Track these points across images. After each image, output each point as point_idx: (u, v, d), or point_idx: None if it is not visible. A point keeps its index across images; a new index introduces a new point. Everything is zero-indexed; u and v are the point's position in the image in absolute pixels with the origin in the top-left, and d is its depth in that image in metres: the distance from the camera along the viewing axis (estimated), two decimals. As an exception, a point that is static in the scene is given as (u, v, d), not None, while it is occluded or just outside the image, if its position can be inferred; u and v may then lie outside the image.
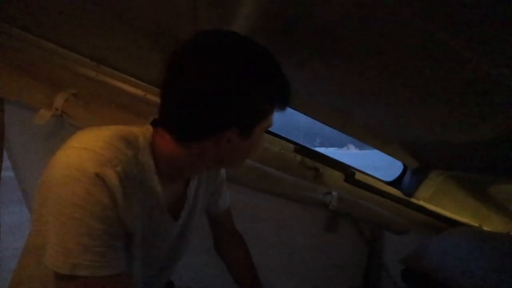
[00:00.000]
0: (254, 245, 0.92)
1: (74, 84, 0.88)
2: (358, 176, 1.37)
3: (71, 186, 0.44)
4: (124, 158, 0.49)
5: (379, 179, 1.45)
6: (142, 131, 0.55)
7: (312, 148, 1.40)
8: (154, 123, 0.58)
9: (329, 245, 1.42)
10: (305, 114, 1.20)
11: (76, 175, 0.44)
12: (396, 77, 0.70)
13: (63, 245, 0.44)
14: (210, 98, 0.48)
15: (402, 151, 1.29)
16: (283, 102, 0.57)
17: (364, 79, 0.76)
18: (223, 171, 0.84)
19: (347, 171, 1.35)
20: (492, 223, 1.49)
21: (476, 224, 1.49)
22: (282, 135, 1.30)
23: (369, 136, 1.24)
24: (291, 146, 1.27)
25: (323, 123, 1.29)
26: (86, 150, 0.46)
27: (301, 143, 1.34)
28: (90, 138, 0.48)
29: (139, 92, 0.96)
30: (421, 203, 1.43)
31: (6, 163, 0.90)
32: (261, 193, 1.19)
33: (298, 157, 1.27)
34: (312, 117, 1.25)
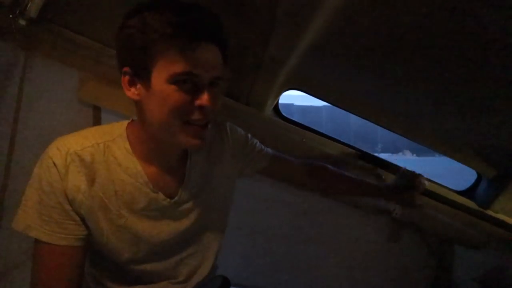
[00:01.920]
0: (313, 249, 0.93)
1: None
2: (423, 184, 1.30)
3: (38, 164, 0.60)
4: (86, 145, 0.61)
5: (448, 188, 1.35)
6: (120, 124, 0.67)
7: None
8: None
9: (391, 256, 1.35)
10: (365, 118, 1.18)
11: (42, 156, 0.60)
12: (476, 80, 0.66)
13: (24, 209, 0.59)
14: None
15: (477, 158, 1.19)
16: (170, 37, 0.52)
17: (439, 83, 0.74)
18: (244, 142, 0.84)
19: (412, 179, 1.28)
20: None
21: None
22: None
23: (438, 142, 1.17)
24: (352, 151, 1.25)
25: (385, 127, 1.26)
26: (58, 139, 0.61)
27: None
28: (73, 133, 0.64)
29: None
30: (500, 216, 1.29)
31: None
32: (322, 197, 1.19)
33: (360, 162, 1.25)
34: (373, 122, 1.22)
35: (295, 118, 1.28)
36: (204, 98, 0.56)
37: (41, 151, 0.94)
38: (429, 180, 1.34)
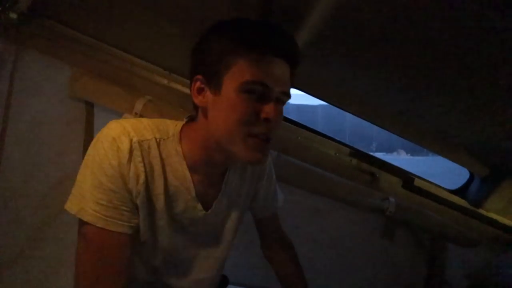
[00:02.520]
0: (305, 245, 0.93)
1: (150, 91, 0.99)
2: (417, 182, 1.31)
3: (96, 146, 0.56)
4: (147, 137, 0.59)
5: (441, 187, 1.36)
6: (174, 123, 0.65)
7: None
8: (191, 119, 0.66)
9: (385, 253, 1.36)
10: (361, 117, 1.19)
11: (101, 138, 0.56)
12: (471, 79, 0.67)
13: (79, 191, 0.55)
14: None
15: (469, 157, 1.20)
16: (246, 49, 0.55)
17: (433, 82, 0.74)
18: (269, 172, 0.81)
19: (406, 177, 1.30)
20: None
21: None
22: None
23: (431, 141, 1.18)
24: (347, 149, 1.26)
25: (380, 126, 1.26)
26: (117, 123, 0.58)
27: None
28: (131, 119, 0.62)
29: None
30: (491, 215, 1.31)
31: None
32: (315, 194, 1.19)
33: (354, 161, 1.25)
34: (368, 121, 1.23)
35: (291, 117, 1.28)
36: (271, 111, 0.55)
37: (32, 146, 0.92)
38: (423, 179, 1.35)
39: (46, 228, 0.93)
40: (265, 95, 0.56)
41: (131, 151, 0.56)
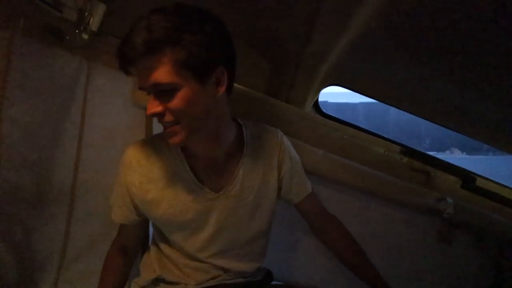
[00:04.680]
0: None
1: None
2: (479, 182, 1.20)
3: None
4: (145, 147, 0.76)
5: (509, 188, 1.23)
6: None
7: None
8: None
9: (443, 259, 1.27)
10: (414, 114, 1.13)
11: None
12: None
13: (113, 189, 0.81)
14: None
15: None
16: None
17: (497, 71, 0.68)
18: (287, 156, 0.84)
19: (466, 176, 1.20)
20: None
21: None
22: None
23: (495, 136, 1.07)
24: (397, 147, 1.20)
25: (436, 122, 1.18)
26: (130, 144, 0.78)
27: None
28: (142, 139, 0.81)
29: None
30: None
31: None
32: (367, 195, 1.16)
33: (405, 159, 1.19)
34: (422, 117, 1.16)
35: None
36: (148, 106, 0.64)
37: (103, 149, 1.05)
38: (486, 179, 1.23)
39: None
40: (149, 93, 0.64)
41: (128, 166, 0.75)
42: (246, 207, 0.79)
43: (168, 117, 0.63)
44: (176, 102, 0.62)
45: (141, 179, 0.74)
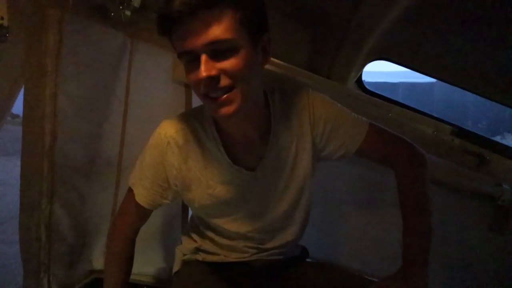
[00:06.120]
0: (397, 232, 0.87)
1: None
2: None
3: (150, 140, 0.75)
4: (180, 127, 0.72)
5: None
6: None
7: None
8: None
9: (494, 248, 1.18)
10: (473, 92, 1.02)
11: (152, 135, 0.74)
12: None
13: (136, 169, 0.76)
14: None
15: None
16: (164, 29, 0.59)
17: None
18: (321, 115, 0.74)
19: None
20: None
21: None
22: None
23: None
24: (448, 128, 1.10)
25: (496, 100, 1.07)
26: (163, 122, 0.74)
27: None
28: (175, 116, 0.75)
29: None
30: None
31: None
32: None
33: (457, 140, 1.10)
34: (481, 95, 1.05)
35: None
36: (200, 70, 0.56)
37: (145, 124, 1.09)
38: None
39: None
40: (195, 58, 0.57)
41: (164, 147, 0.71)
42: (282, 183, 0.76)
43: (225, 81, 0.57)
44: (235, 62, 0.56)
45: (180, 160, 0.72)
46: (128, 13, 0.93)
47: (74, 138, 1.01)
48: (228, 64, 0.56)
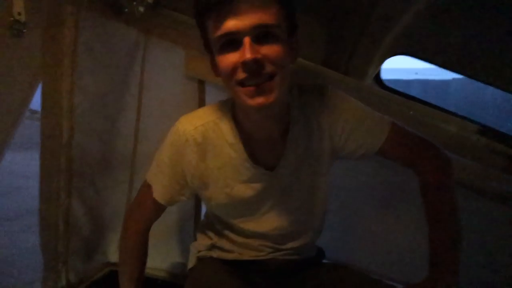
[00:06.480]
0: (418, 238, 0.83)
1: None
2: None
3: (167, 136, 0.74)
4: (199, 124, 0.70)
5: None
6: (228, 101, 0.72)
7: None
8: None
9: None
10: (504, 90, 0.96)
11: (170, 131, 0.74)
12: None
13: (154, 165, 0.75)
14: None
15: None
16: (204, 9, 0.59)
17: None
18: (340, 113, 0.71)
19: None
20: None
21: None
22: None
23: None
24: (474, 126, 1.04)
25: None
26: (180, 119, 0.73)
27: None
28: (193, 112, 0.76)
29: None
30: None
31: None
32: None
33: (483, 140, 1.03)
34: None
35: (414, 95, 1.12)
36: (243, 53, 0.54)
37: (159, 119, 1.09)
38: None
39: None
40: (236, 42, 0.55)
41: (183, 144, 0.70)
42: (300, 183, 0.75)
43: (269, 67, 0.56)
44: (278, 49, 0.56)
45: (198, 158, 0.71)
46: (141, 9, 0.93)
47: (90, 134, 1.02)
48: (271, 50, 0.56)
